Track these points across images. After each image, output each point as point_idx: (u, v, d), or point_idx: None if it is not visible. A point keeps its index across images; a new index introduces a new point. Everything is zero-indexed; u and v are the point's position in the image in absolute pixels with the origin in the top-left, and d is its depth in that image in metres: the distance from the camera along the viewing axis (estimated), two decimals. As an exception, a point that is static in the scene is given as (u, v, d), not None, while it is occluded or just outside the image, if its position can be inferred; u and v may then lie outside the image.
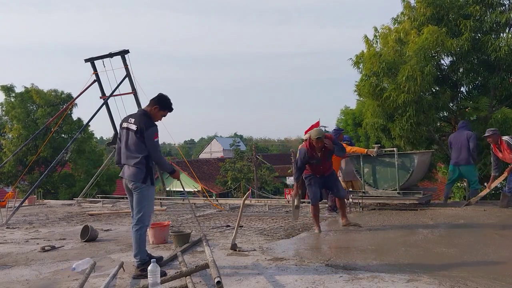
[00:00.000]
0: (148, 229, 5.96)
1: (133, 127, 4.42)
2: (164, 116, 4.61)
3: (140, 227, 4.40)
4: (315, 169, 6.53)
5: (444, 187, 9.21)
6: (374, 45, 11.80)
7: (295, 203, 6.66)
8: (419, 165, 8.11)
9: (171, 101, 4.60)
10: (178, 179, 5.23)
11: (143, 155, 4.36)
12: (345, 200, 7.14)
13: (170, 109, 4.61)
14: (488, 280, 3.77)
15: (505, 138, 7.72)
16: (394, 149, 8.29)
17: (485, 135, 7.90)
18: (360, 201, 8.40)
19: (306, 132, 13.82)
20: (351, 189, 9.68)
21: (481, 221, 6.78)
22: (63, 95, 23.71)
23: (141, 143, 4.36)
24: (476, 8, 10.55)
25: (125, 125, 4.54)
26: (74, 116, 24.10)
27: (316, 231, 6.41)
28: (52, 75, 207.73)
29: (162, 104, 4.52)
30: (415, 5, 11.47)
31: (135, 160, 4.38)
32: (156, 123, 4.54)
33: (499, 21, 10.43)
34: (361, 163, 8.32)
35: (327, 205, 8.39)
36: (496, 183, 8.02)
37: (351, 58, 11.92)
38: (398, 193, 7.97)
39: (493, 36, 10.66)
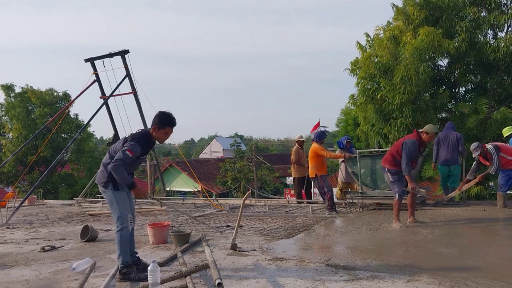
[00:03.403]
0: (148, 229, 6.01)
1: (126, 136, 4.36)
2: (168, 133, 4.31)
3: (119, 228, 4.34)
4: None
5: (442, 187, 9.21)
6: (368, 49, 11.82)
7: (421, 192, 6.75)
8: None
9: (172, 116, 4.28)
10: (143, 196, 4.75)
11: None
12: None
13: (171, 124, 4.29)
14: (488, 280, 3.77)
15: (488, 146, 7.66)
16: None
17: (473, 155, 7.72)
18: (360, 201, 8.40)
19: (313, 131, 13.44)
20: (350, 190, 9.68)
21: (481, 221, 6.79)
22: (59, 93, 23.69)
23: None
24: (474, 9, 10.53)
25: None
26: (72, 114, 24.08)
27: (396, 226, 6.44)
28: (52, 75, 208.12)
29: (160, 122, 4.25)
30: (407, 8, 11.36)
31: (104, 163, 4.37)
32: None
33: (498, 22, 10.41)
34: (358, 164, 8.30)
35: (326, 205, 8.39)
36: (467, 187, 8.09)
37: (346, 68, 11.99)
38: None
39: (490, 36, 10.66)
